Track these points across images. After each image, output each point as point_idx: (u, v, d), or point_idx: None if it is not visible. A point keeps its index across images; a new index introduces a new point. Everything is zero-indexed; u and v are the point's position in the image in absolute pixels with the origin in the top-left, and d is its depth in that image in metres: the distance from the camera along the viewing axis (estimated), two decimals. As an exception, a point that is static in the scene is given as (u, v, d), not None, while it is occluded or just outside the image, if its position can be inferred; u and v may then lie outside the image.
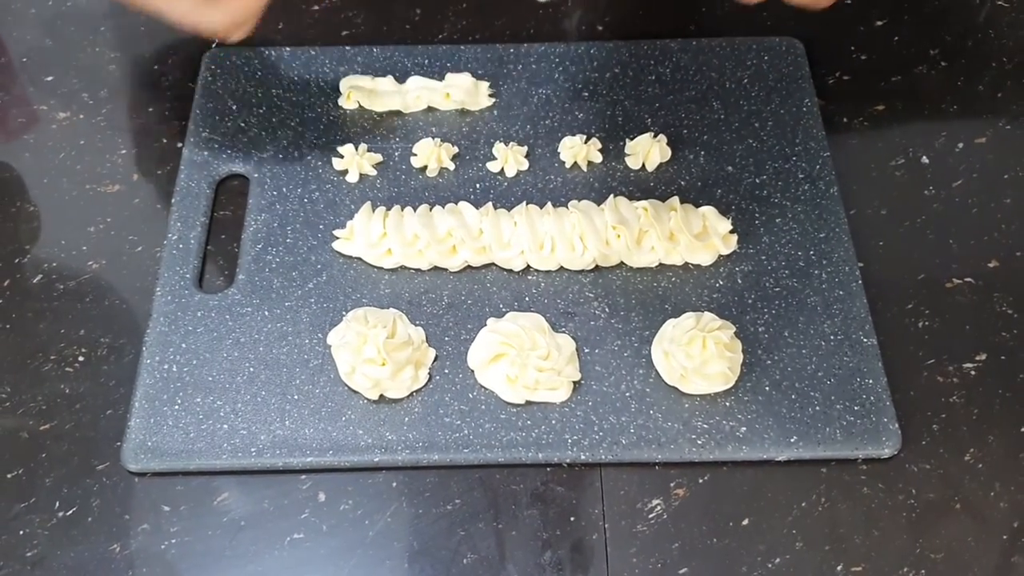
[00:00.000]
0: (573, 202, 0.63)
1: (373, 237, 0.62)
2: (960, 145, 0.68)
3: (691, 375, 0.56)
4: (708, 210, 0.63)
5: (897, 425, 0.56)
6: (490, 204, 0.63)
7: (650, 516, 0.55)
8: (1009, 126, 0.70)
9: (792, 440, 0.56)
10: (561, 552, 0.53)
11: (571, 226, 0.62)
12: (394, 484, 0.55)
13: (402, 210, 0.63)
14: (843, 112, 0.70)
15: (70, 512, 0.55)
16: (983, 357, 0.60)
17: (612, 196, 0.63)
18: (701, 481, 0.56)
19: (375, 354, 0.56)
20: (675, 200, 0.63)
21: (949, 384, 0.59)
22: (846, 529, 0.54)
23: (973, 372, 0.59)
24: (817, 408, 0.57)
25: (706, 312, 0.58)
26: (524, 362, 0.56)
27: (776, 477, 0.56)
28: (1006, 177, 0.67)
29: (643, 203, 0.63)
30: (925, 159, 0.68)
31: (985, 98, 0.71)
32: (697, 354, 0.56)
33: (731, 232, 0.63)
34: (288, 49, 0.72)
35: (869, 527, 0.54)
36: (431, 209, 0.64)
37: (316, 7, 0.76)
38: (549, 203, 0.63)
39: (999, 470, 0.56)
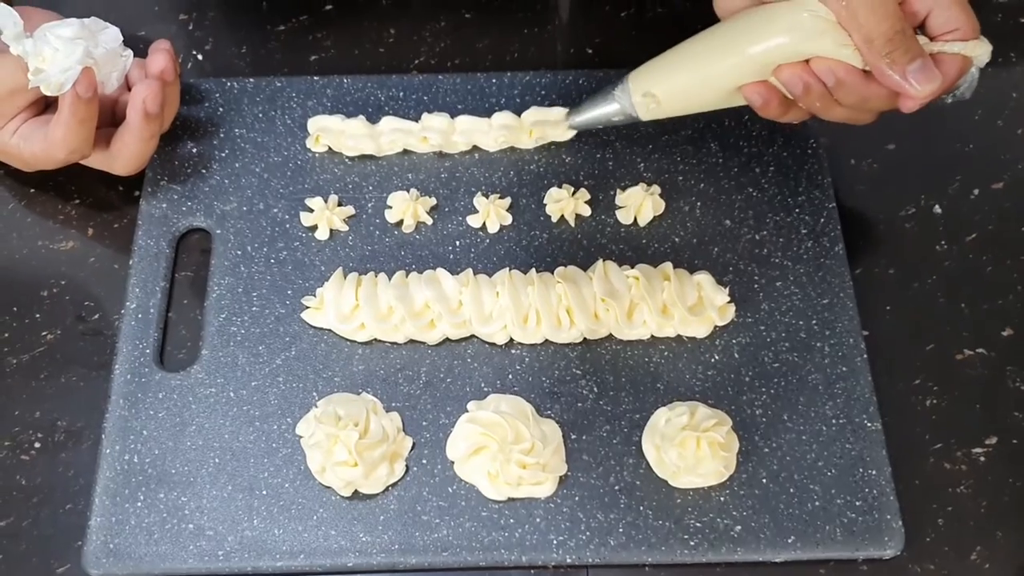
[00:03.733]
0: (560, 269, 0.59)
1: (345, 309, 0.58)
2: (976, 191, 0.64)
3: (683, 473, 0.53)
4: (704, 279, 0.59)
5: (900, 523, 0.53)
6: (470, 271, 0.59)
7: (639, 624, 0.52)
8: (1029, 168, 0.65)
9: (790, 540, 0.53)
10: (545, 665, 0.51)
11: (557, 298, 0.58)
12: (369, 590, 0.53)
13: (376, 276, 0.59)
14: (850, 152, 0.65)
15: (29, 622, 0.52)
16: (993, 441, 0.56)
17: (601, 261, 0.59)
18: (693, 584, 0.53)
19: (347, 456, 0.52)
20: (668, 267, 0.59)
21: (956, 472, 0.55)
22: (844, 637, 0.52)
23: (982, 458, 0.56)
24: (816, 504, 0.54)
25: (701, 406, 0.54)
26: (506, 457, 0.53)
27: (772, 578, 0.53)
28: (1024, 229, 0.63)
29: (634, 271, 0.58)
30: (937, 208, 0.63)
31: (1004, 135, 0.66)
32: (691, 454, 0.52)
33: (728, 303, 0.58)
34: (252, 80, 0.66)
35: (869, 634, 0.52)
36: (407, 276, 0.59)
37: (281, 27, 0.70)
38: (533, 270, 0.59)
39: (1008, 570, 0.53)
